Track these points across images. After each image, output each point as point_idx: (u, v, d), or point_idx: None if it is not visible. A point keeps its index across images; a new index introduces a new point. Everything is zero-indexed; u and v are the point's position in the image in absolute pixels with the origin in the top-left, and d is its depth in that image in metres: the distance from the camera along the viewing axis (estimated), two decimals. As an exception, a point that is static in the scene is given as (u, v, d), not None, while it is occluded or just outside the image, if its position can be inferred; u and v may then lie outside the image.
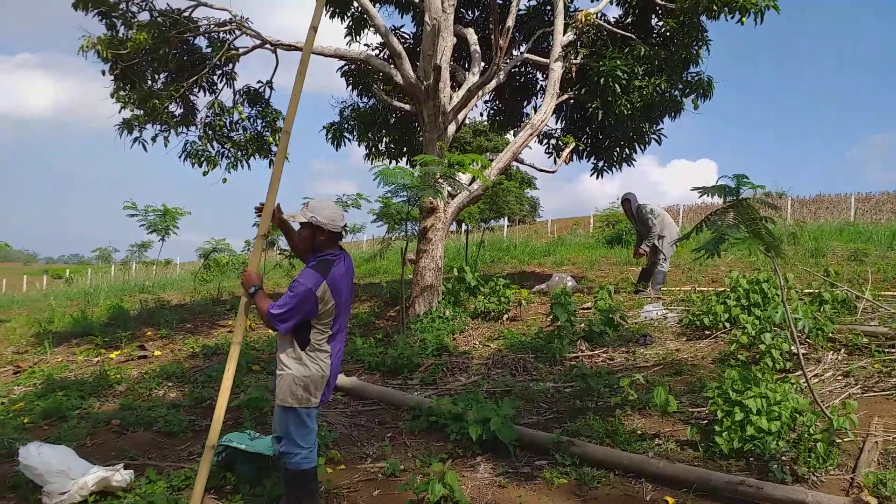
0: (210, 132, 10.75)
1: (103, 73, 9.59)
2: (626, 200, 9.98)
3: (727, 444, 4.21)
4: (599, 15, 10.44)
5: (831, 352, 6.15)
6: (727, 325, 7.04)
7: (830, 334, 6.35)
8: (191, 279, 18.99)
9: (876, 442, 4.25)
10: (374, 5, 10.10)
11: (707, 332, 7.15)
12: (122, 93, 9.83)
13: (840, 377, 5.60)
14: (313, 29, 4.04)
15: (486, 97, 11.93)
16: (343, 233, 3.64)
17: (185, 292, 16.20)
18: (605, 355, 6.90)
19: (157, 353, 8.74)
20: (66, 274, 32.28)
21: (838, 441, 4.21)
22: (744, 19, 9.22)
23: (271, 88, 11.25)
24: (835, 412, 4.16)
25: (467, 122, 13.45)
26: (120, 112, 9.93)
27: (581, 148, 11.62)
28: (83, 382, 6.92)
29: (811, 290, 7.83)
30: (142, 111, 9.90)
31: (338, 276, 3.48)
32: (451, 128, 9.51)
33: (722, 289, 8.07)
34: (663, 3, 9.74)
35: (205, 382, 6.85)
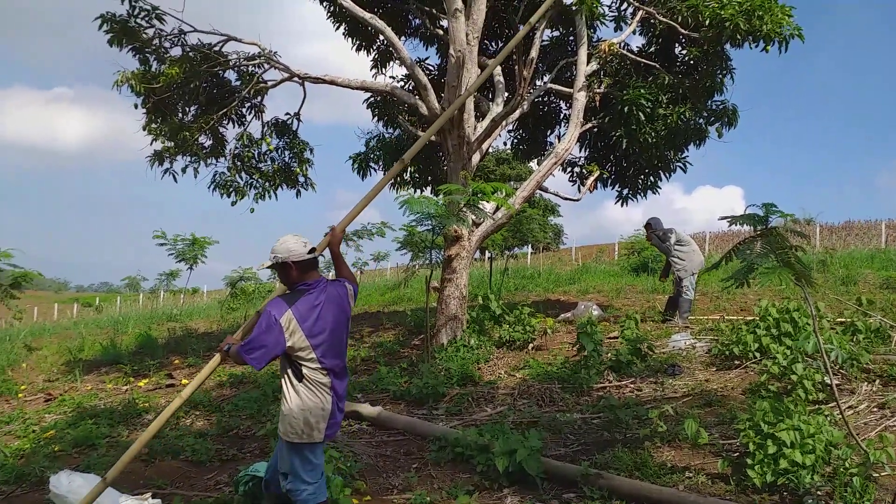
0: (238, 163, 10.96)
1: (136, 106, 9.85)
2: (648, 225, 9.96)
3: (760, 478, 4.12)
4: (623, 45, 10.49)
5: (866, 383, 6.02)
6: (757, 354, 6.92)
7: (865, 364, 6.21)
8: (217, 307, 19.18)
9: (915, 477, 4.13)
10: (399, 38, 10.27)
11: (737, 362, 7.04)
12: (153, 125, 10.09)
13: (875, 409, 5.47)
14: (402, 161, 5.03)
15: (510, 126, 12.01)
16: (316, 259, 3.60)
17: (213, 320, 16.37)
18: (632, 386, 6.82)
19: (184, 381, 8.82)
20: (96, 302, 32.79)
21: (875, 475, 4.10)
22: (768, 48, 9.22)
23: (299, 120, 11.45)
24: (871, 445, 4.05)
25: (491, 150, 13.51)
26: (151, 144, 10.18)
27: (605, 176, 11.61)
28: (112, 410, 7.00)
29: (843, 319, 7.69)
30: (172, 143, 10.15)
31: (308, 305, 3.42)
32: (476, 157, 9.59)
33: (751, 318, 7.95)
34: (687, 32, 9.76)
35: (232, 411, 6.89)
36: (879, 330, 7.24)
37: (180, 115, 10.34)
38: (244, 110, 11.00)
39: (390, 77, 12.49)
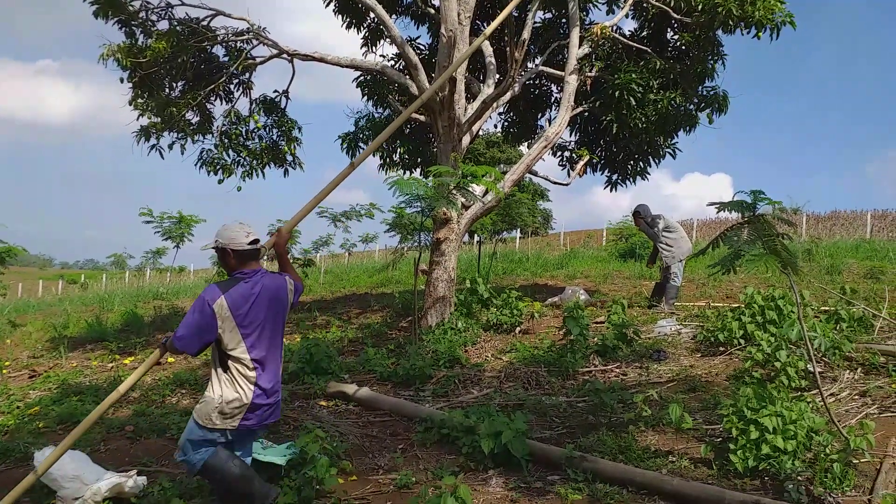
0: (226, 140, 10.86)
1: (122, 80, 9.72)
2: (637, 212, 9.97)
3: (742, 463, 4.17)
4: (615, 28, 10.45)
5: (848, 371, 6.09)
6: (742, 341, 6.98)
7: (847, 353, 6.28)
8: (204, 286, 19.09)
9: (893, 463, 4.19)
10: (390, 16, 10.17)
11: (722, 349, 7.09)
12: (140, 100, 9.96)
13: (857, 397, 5.53)
14: (352, 165, 4.51)
15: (501, 109, 11.97)
16: (258, 251, 3.55)
17: (198, 299, 16.27)
18: (618, 370, 6.86)
19: (170, 360, 8.78)
20: (82, 279, 32.60)
21: (855, 462, 4.16)
22: (760, 34, 9.23)
23: (287, 98, 11.34)
24: (851, 432, 4.11)
25: (481, 133, 13.47)
26: (138, 119, 10.06)
27: (595, 161, 11.61)
28: (97, 388, 6.96)
29: (827, 308, 7.76)
30: (159, 119, 10.03)
31: (243, 294, 3.39)
32: (466, 139, 9.54)
33: (737, 305, 8.01)
34: (679, 17, 9.74)
35: (217, 390, 6.86)
36: (862, 319, 7.32)
37: (167, 90, 10.22)
38: (232, 87, 10.89)
39: (381, 56, 12.42)
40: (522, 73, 10.31)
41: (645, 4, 10.36)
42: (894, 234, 25.77)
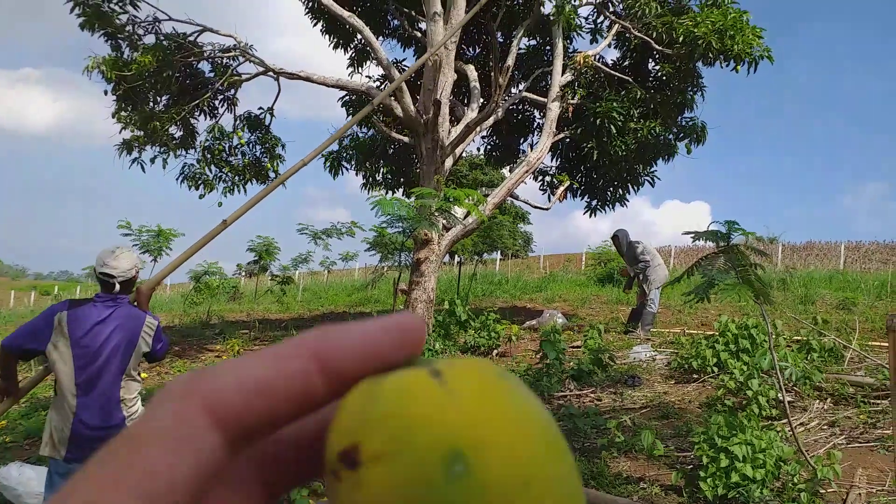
0: (209, 156, 10.84)
1: (105, 92, 9.69)
2: (616, 237, 10.08)
3: (711, 491, 4.20)
4: (598, 57, 10.64)
5: (818, 400, 6.17)
6: (715, 369, 7.05)
7: (817, 383, 6.37)
8: (181, 301, 18.91)
9: (859, 493, 4.25)
10: (377, 38, 10.27)
11: (695, 376, 7.16)
12: (123, 113, 9.93)
13: (826, 426, 5.61)
14: (303, 162, 4.07)
15: (484, 133, 12.09)
16: (109, 283, 3.20)
17: (175, 314, 16.12)
18: (593, 395, 6.90)
19: (143, 374, 8.67)
20: (55, 291, 32.07)
21: (822, 491, 4.21)
22: (738, 67, 9.43)
23: (272, 115, 11.36)
24: (819, 462, 4.17)
25: (464, 155, 13.58)
26: (120, 132, 10.02)
27: (575, 186, 11.74)
28: (67, 402, 6.85)
29: (799, 338, 7.88)
30: (142, 132, 10.00)
31: (87, 315, 3.12)
32: (449, 161, 9.62)
33: (711, 332, 8.11)
34: (660, 48, 9.94)
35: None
36: (833, 349, 7.44)
37: (151, 103, 10.20)
38: (217, 102, 10.89)
39: (366, 76, 12.49)
40: (506, 98, 10.45)
41: (627, 35, 10.56)
42: (867, 265, 26.22)
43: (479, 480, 0.23)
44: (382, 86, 11.49)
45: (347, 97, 11.73)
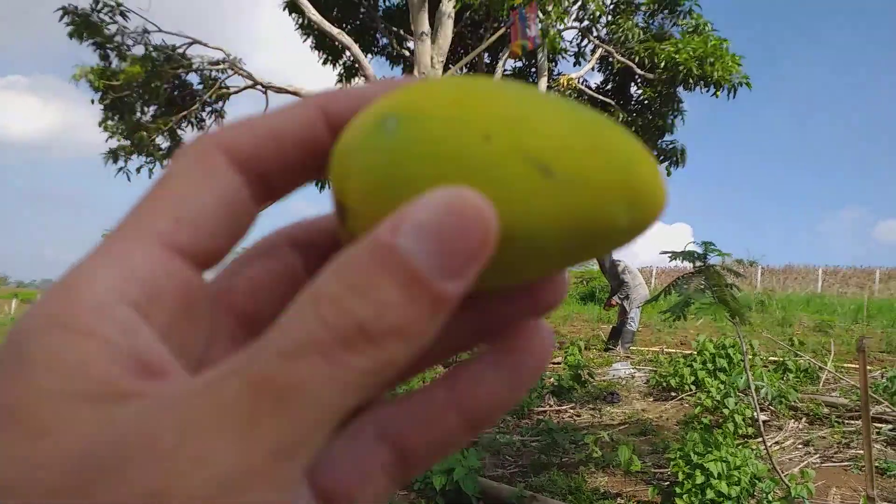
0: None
1: (93, 101, 9.70)
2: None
3: (687, 506, 4.27)
4: (581, 80, 10.83)
5: (793, 420, 6.27)
6: (693, 387, 7.14)
7: (793, 402, 6.48)
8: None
9: (831, 511, 4.33)
10: (366, 56, 10.38)
11: (673, 394, 7.25)
12: (110, 122, 9.94)
13: (800, 445, 5.71)
14: None
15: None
16: None
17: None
18: (572, 411, 6.95)
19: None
20: (37, 298, 31.62)
21: (795, 508, 4.29)
22: (718, 93, 9.65)
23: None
24: (793, 480, 4.24)
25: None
26: (107, 141, 10.02)
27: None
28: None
29: (776, 358, 8.01)
30: (129, 142, 10.00)
31: None
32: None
33: (689, 351, 8.21)
34: (643, 73, 10.15)
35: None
36: (809, 370, 7.56)
37: (139, 114, 10.21)
38: (204, 114, 10.92)
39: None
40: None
41: (610, 59, 10.76)
42: (844, 289, 26.64)
43: (418, 130, 0.21)
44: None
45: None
